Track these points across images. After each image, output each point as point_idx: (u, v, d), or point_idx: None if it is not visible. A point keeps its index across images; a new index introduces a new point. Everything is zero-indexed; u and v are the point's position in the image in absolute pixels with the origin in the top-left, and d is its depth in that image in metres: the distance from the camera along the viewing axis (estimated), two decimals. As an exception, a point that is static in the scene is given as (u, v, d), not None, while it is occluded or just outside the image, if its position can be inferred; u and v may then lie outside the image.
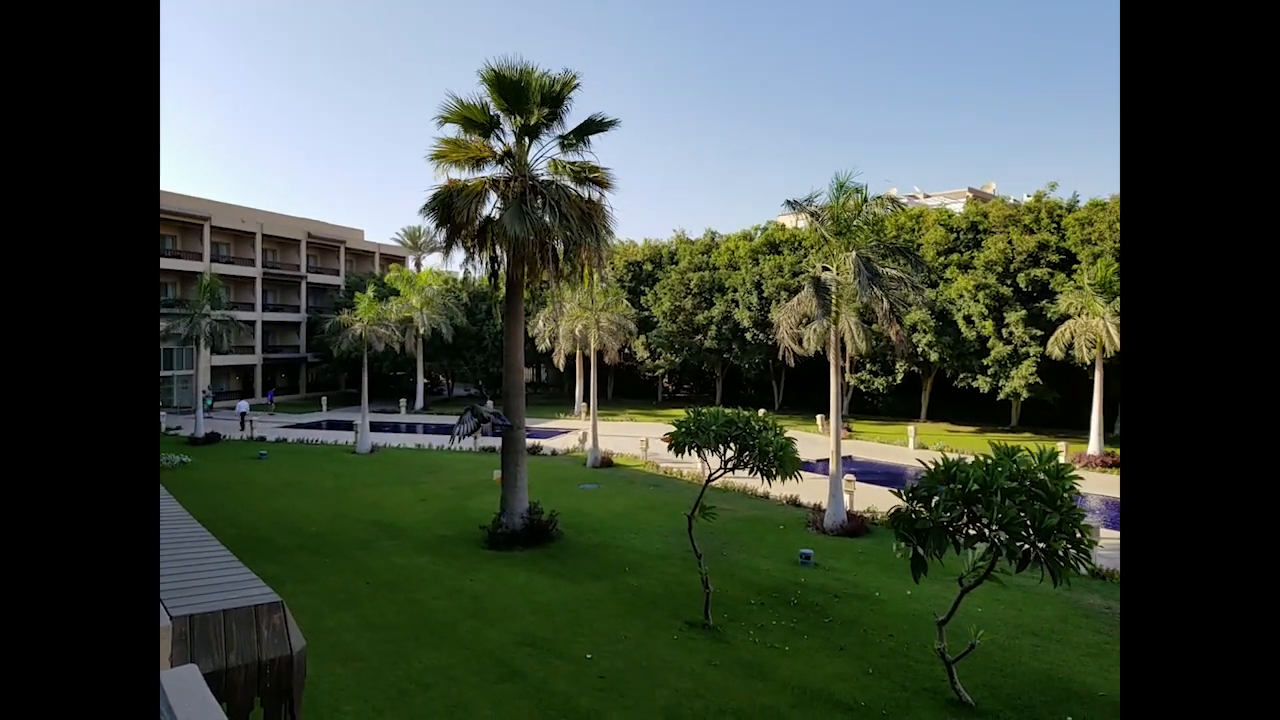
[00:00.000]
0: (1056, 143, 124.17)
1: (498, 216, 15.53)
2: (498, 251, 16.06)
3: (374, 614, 11.32)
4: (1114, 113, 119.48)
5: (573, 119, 15.66)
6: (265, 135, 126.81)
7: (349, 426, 34.31)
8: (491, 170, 15.98)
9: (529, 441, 22.32)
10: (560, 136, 15.78)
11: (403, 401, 44.36)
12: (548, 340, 37.83)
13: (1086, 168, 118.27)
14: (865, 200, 17.73)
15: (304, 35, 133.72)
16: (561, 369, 40.66)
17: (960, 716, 8.29)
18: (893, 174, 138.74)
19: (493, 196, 15.74)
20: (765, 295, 40.24)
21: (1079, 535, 7.06)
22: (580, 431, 31.66)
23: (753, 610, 11.76)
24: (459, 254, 16.24)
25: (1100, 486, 23.38)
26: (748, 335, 41.12)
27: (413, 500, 20.13)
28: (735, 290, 42.28)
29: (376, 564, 14.06)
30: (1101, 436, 27.86)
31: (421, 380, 46.81)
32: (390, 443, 31.21)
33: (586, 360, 35.42)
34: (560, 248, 15.71)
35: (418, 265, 62.16)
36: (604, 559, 14.64)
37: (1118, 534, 17.87)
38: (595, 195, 15.91)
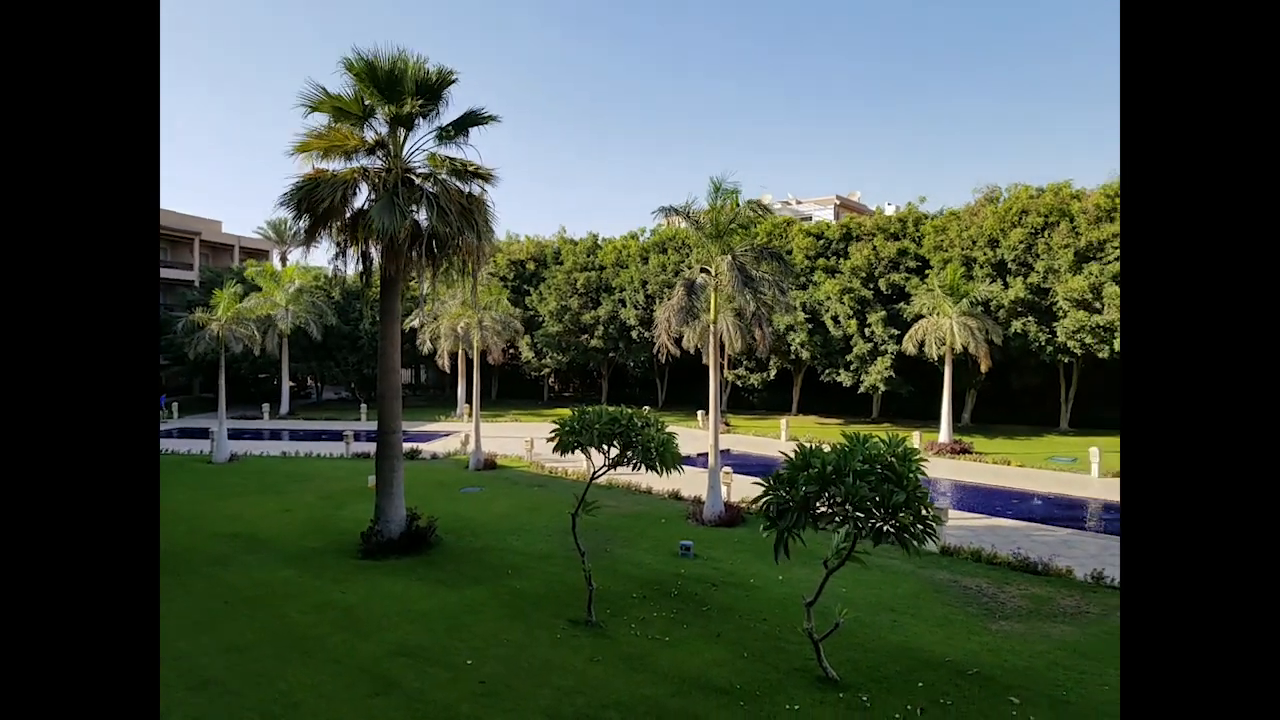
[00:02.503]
0: (917, 149, 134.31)
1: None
2: (370, 247, 15.43)
3: (233, 634, 10.57)
4: (974, 121, 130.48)
5: (451, 114, 15.33)
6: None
7: (204, 434, 31.74)
8: (364, 161, 15.31)
9: (407, 446, 21.58)
10: (438, 128, 15.36)
11: (266, 406, 41.52)
12: (428, 340, 36.67)
13: (943, 173, 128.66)
14: (739, 205, 18.47)
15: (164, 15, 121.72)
16: (445, 370, 39.56)
17: (827, 692, 8.83)
18: (768, 181, 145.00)
19: (365, 189, 15.09)
20: (651, 294, 40.93)
21: (924, 512, 7.75)
22: (462, 434, 30.93)
23: (635, 604, 11.97)
24: (324, 247, 15.53)
25: (950, 472, 25.54)
26: (634, 334, 41.65)
27: (277, 511, 18.93)
28: (623, 290, 42.72)
29: (236, 580, 13.13)
30: (950, 425, 30.42)
31: (287, 383, 44.02)
32: (252, 451, 29.17)
33: (469, 360, 34.63)
34: (439, 243, 15.28)
35: (283, 260, 58.35)
36: (485, 562, 14.41)
37: (966, 515, 19.59)
38: (476, 190, 15.59)
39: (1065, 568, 14.07)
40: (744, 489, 20.54)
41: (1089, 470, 24.56)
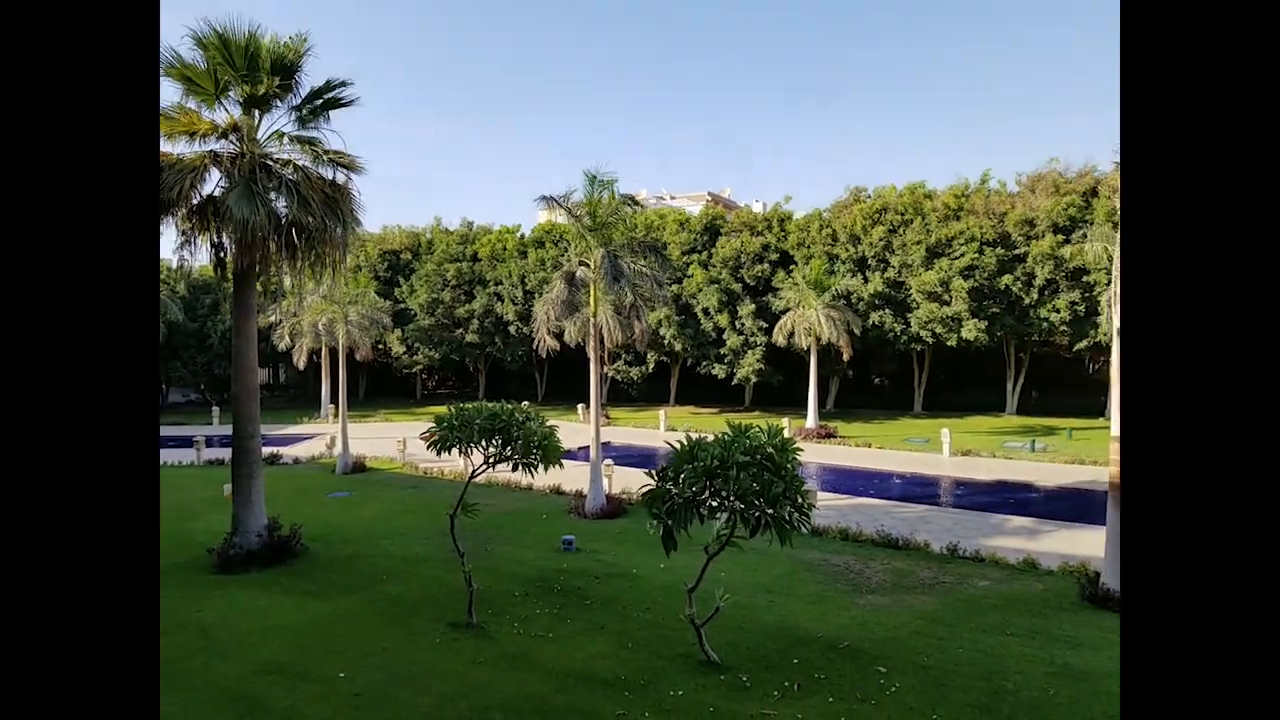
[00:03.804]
0: (791, 148, 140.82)
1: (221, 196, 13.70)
2: (222, 237, 14.17)
3: (64, 667, 9.44)
4: (832, 122, 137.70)
5: (308, 88, 14.31)
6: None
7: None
8: (214, 145, 14.02)
9: (266, 450, 20.13)
10: (294, 108, 14.31)
11: (99, 411, 37.39)
12: (288, 337, 34.27)
13: (814, 173, 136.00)
14: (615, 197, 18.57)
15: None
16: (303, 368, 37.17)
17: (709, 675, 9.09)
18: (644, 176, 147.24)
19: (215, 174, 13.83)
20: (530, 289, 40.38)
21: (800, 500, 8.11)
22: (328, 436, 29.28)
23: (517, 602, 11.80)
24: (168, 236, 14.06)
25: (818, 455, 27.04)
26: (511, 329, 40.92)
27: (116, 527, 17.10)
28: (499, 283, 41.85)
29: (67, 607, 11.73)
30: (817, 412, 32.22)
31: (125, 385, 39.79)
32: (83, 461, 26.17)
33: (334, 357, 32.72)
34: (300, 234, 14.26)
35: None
36: (357, 570, 13.70)
37: (834, 495, 20.76)
38: (341, 178, 14.68)
39: (923, 541, 15.27)
40: (625, 480, 20.76)
41: (940, 450, 26.76)
